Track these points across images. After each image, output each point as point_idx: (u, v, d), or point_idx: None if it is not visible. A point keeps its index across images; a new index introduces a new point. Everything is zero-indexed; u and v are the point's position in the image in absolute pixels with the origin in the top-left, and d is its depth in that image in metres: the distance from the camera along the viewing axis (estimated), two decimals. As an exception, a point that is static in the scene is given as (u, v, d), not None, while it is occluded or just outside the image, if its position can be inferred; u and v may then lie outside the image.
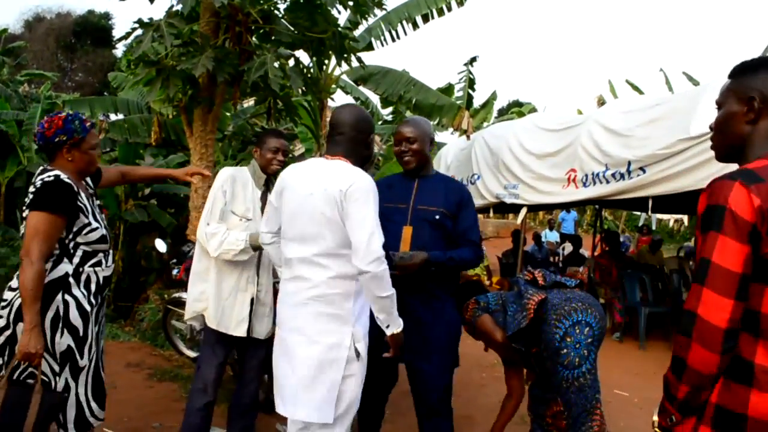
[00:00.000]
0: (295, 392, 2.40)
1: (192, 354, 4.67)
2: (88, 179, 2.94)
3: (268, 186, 3.34)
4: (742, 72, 1.66)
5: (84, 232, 2.68)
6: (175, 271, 4.79)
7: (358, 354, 2.40)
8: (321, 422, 2.37)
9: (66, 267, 2.64)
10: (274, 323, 3.32)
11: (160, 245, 4.87)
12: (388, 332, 2.41)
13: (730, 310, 1.40)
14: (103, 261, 2.79)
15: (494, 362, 6.12)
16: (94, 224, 2.72)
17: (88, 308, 2.67)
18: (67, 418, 2.66)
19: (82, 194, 2.72)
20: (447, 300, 3.13)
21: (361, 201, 2.32)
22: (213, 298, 3.21)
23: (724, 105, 1.68)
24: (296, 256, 2.44)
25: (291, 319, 2.45)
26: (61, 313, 2.59)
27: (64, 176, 2.64)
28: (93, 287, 2.72)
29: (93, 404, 2.76)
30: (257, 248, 3.06)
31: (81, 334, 2.65)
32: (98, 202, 2.93)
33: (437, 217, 3.02)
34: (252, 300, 3.25)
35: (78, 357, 2.65)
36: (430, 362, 3.03)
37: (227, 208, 3.16)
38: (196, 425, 3.25)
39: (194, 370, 4.67)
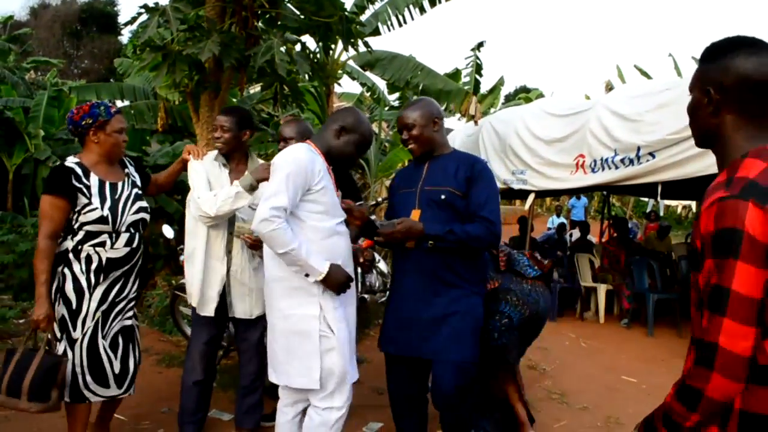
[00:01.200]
0: (277, 361, 2.65)
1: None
2: (132, 171, 3.20)
3: (244, 162, 3.43)
4: (706, 58, 1.55)
5: (84, 211, 2.86)
6: (182, 257, 4.79)
7: (330, 327, 2.55)
8: (305, 388, 2.59)
9: (67, 244, 2.89)
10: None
11: (168, 231, 4.86)
12: (311, 280, 2.52)
13: (753, 338, 1.34)
14: (108, 242, 2.92)
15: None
16: (95, 204, 2.88)
17: (84, 285, 2.88)
18: (65, 384, 2.82)
19: (93, 177, 2.93)
20: (466, 288, 2.85)
21: (274, 172, 2.52)
22: (193, 278, 3.31)
23: (691, 92, 1.59)
24: None
25: (268, 295, 2.67)
26: (60, 285, 2.87)
27: (71, 161, 2.93)
28: (93, 266, 2.89)
29: (88, 377, 2.91)
30: (252, 188, 3.09)
31: (74, 307, 2.87)
32: (135, 190, 3.11)
33: (443, 196, 2.83)
34: (222, 279, 3.31)
35: (71, 328, 2.87)
36: (439, 358, 2.82)
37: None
38: (190, 406, 3.37)
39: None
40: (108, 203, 2.91)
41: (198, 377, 3.34)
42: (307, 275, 2.51)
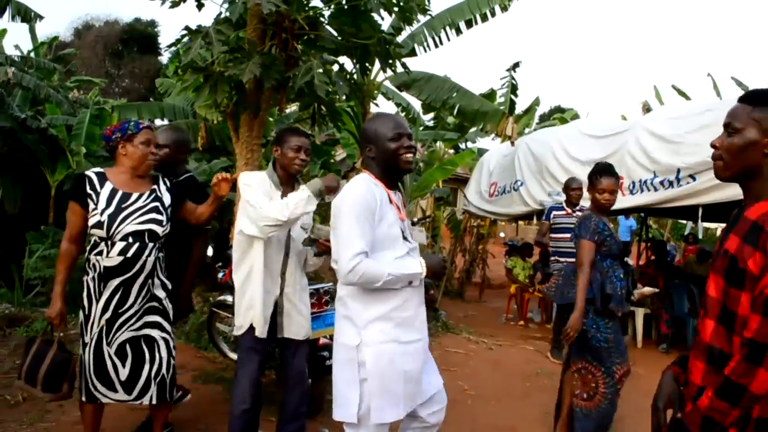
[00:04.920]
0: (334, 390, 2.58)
1: (236, 357, 4.70)
2: (162, 188, 3.29)
3: (293, 186, 3.33)
4: (765, 103, 1.71)
5: (90, 215, 3.05)
6: (220, 275, 4.84)
7: (365, 358, 2.44)
8: (340, 420, 2.49)
9: (87, 254, 3.11)
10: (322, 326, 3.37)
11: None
12: (416, 284, 2.51)
13: None
14: (104, 250, 3.04)
15: (537, 371, 6.04)
16: (99, 209, 3.03)
17: (92, 292, 3.06)
18: (74, 377, 3.13)
19: (108, 185, 3.10)
20: None
21: (337, 214, 2.44)
22: (253, 301, 3.25)
23: (743, 131, 1.72)
24: None
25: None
26: (83, 292, 3.09)
27: (92, 171, 3.15)
28: (96, 274, 3.05)
29: (95, 381, 3.08)
30: (319, 193, 3.05)
31: (86, 313, 3.08)
32: (155, 204, 3.19)
33: None
34: (276, 301, 3.29)
35: (84, 332, 3.09)
36: None
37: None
38: (240, 430, 3.30)
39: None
40: (110, 210, 3.04)
41: (247, 406, 3.26)
42: (410, 282, 2.48)
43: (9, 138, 9.56)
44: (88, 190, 3.06)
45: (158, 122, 10.40)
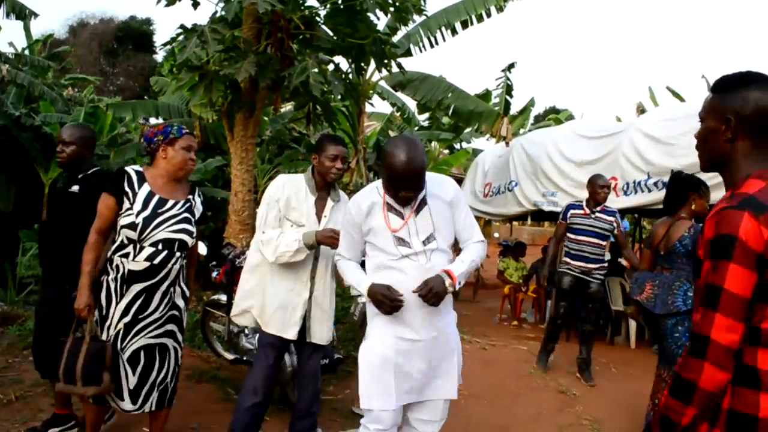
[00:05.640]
0: None
1: (229, 356, 4.70)
2: (197, 200, 3.27)
3: (329, 192, 3.37)
4: (721, 89, 1.70)
5: (123, 214, 2.99)
6: (214, 274, 4.83)
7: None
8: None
9: (110, 252, 3.05)
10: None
11: (201, 248, 4.91)
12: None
13: (741, 332, 1.50)
14: (131, 253, 2.99)
15: (531, 371, 6.06)
16: (135, 210, 2.98)
17: (113, 293, 3.01)
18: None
19: (146, 187, 3.05)
20: None
21: None
22: (267, 301, 3.28)
23: (705, 120, 1.73)
24: None
25: None
26: (100, 291, 3.04)
27: (132, 168, 3.12)
28: (119, 275, 3.00)
29: None
30: (312, 246, 3.12)
31: (104, 313, 3.03)
32: (187, 214, 3.15)
33: None
34: (306, 304, 3.29)
35: (99, 333, 3.03)
36: None
37: (281, 214, 3.22)
38: (245, 423, 3.32)
39: (232, 372, 4.73)
40: (145, 213, 2.99)
41: (258, 399, 3.29)
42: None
43: (2, 136, 9.51)
44: (126, 188, 3.01)
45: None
